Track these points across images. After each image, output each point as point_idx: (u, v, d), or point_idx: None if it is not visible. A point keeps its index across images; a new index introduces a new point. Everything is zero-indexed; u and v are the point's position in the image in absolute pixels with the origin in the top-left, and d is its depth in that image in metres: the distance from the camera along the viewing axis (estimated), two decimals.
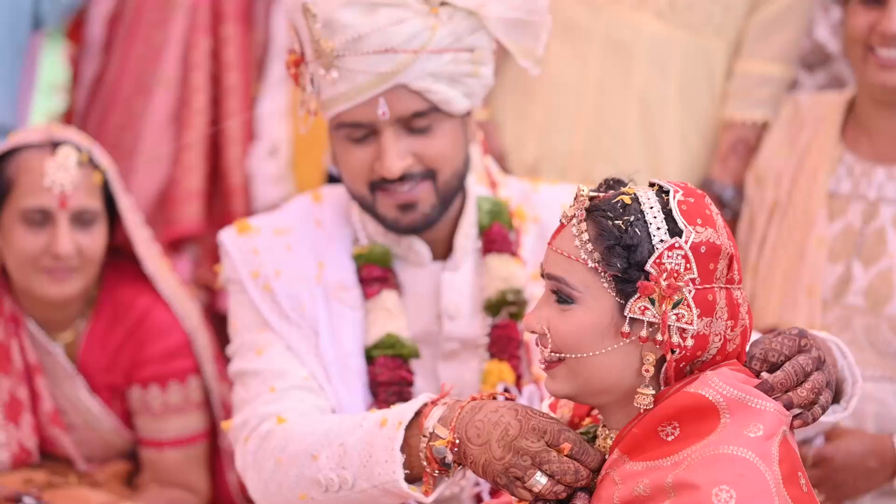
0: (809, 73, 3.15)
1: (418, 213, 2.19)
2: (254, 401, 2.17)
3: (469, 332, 2.26)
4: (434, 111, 2.15)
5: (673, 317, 1.68)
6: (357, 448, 1.98)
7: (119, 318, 2.72)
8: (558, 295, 1.73)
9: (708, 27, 2.92)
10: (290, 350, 2.21)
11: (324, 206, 2.33)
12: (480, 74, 2.17)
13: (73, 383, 2.69)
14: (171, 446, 2.72)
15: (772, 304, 2.65)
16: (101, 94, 3.50)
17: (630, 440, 1.70)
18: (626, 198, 1.72)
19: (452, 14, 2.14)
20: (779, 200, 2.75)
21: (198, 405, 2.74)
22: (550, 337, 1.74)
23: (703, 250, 1.69)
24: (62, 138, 2.66)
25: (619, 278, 1.69)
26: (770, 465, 1.62)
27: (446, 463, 1.87)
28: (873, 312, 2.57)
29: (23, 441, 2.67)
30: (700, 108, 2.96)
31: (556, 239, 1.76)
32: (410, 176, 2.17)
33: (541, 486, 1.77)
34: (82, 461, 2.73)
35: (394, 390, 2.22)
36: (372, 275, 2.26)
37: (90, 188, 2.64)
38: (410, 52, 2.11)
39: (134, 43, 3.45)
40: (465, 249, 2.28)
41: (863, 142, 2.69)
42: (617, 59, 2.92)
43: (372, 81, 2.12)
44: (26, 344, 2.69)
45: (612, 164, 2.89)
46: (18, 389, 2.67)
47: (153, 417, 2.71)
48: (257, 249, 2.27)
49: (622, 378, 1.72)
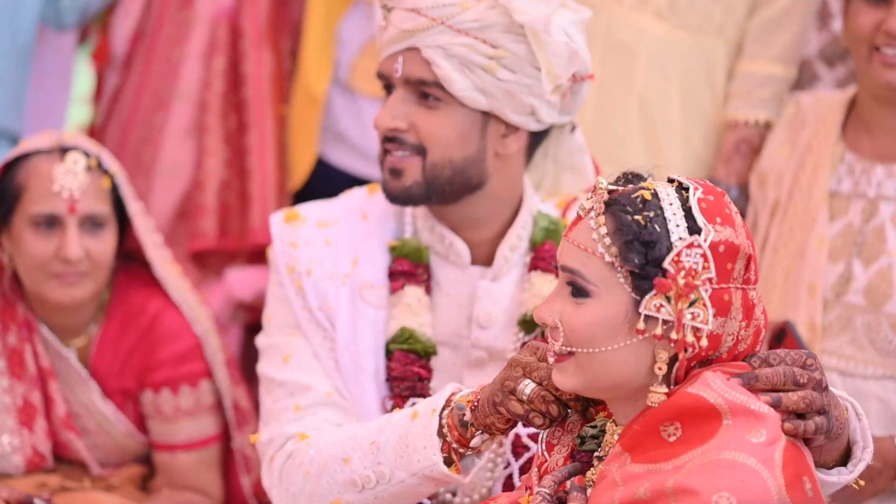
0: (829, 68, 3.14)
1: (401, 183, 2.18)
2: (279, 417, 2.19)
3: (498, 344, 2.25)
4: (441, 89, 2.14)
5: (688, 315, 1.67)
6: (390, 442, 2.02)
7: (130, 323, 2.73)
8: (573, 287, 1.72)
9: (708, 27, 2.93)
10: (316, 357, 2.23)
11: (375, 199, 2.32)
12: (498, 76, 2.14)
13: (86, 388, 2.71)
14: (184, 450, 2.73)
15: (773, 303, 2.66)
16: (121, 109, 3.52)
17: (631, 437, 1.70)
18: (647, 193, 1.71)
19: (493, 6, 2.13)
20: (780, 200, 2.75)
21: (209, 408, 2.75)
22: (563, 330, 1.73)
23: (721, 249, 1.68)
24: (71, 144, 2.67)
25: (636, 274, 1.68)
26: (773, 470, 1.60)
27: (464, 422, 1.93)
28: (873, 311, 2.58)
29: (36, 445, 2.68)
30: (702, 108, 2.96)
31: (572, 231, 1.75)
32: (402, 142, 2.17)
33: (530, 390, 1.84)
34: (96, 465, 2.74)
35: (407, 385, 2.22)
36: (400, 269, 2.25)
37: (99, 193, 2.65)
38: (430, 18, 2.13)
39: (153, 59, 3.48)
40: (508, 260, 2.26)
41: (864, 140, 2.70)
42: (618, 60, 2.92)
43: (395, 36, 2.16)
44: (39, 349, 2.70)
45: (614, 165, 2.87)
46: (32, 394, 2.69)
47: (165, 421, 2.72)
48: (296, 243, 2.27)
49: (632, 375, 1.72)
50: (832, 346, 2.61)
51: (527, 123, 2.19)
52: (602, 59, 2.89)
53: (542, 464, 1.92)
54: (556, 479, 1.81)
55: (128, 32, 3.50)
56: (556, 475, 1.82)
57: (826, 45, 3.12)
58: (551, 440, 1.90)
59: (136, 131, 3.49)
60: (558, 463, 1.87)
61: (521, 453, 2.22)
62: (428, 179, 2.17)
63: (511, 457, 2.23)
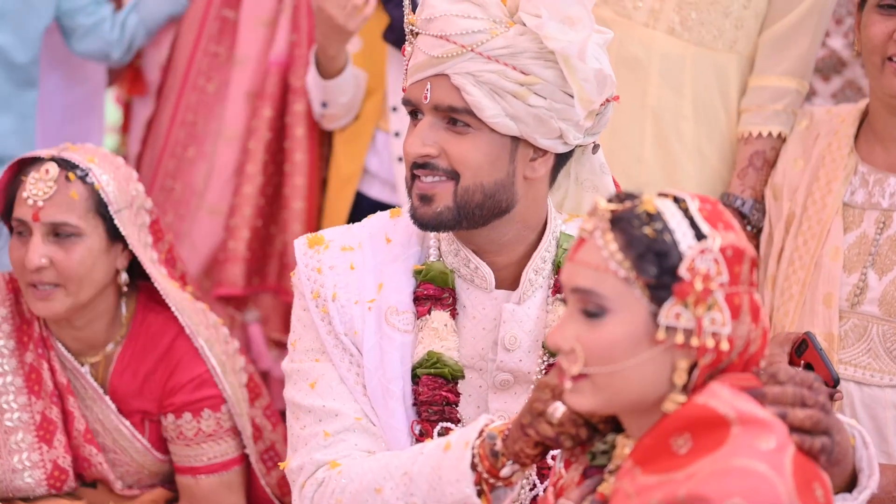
0: (824, 82, 3.16)
1: (432, 209, 2.17)
2: (308, 443, 2.20)
3: (523, 366, 2.24)
4: (471, 115, 2.13)
5: (708, 320, 1.68)
6: (423, 473, 2.02)
7: (150, 344, 2.74)
8: (586, 309, 1.73)
9: (720, 43, 2.93)
10: (343, 382, 2.22)
11: (398, 223, 2.32)
12: (530, 102, 2.12)
13: (101, 405, 2.72)
14: (206, 473, 2.74)
15: (789, 314, 2.66)
16: (155, 139, 3.57)
17: (642, 450, 1.71)
18: (649, 206, 1.72)
19: (522, 32, 2.12)
20: (794, 212, 2.76)
21: (231, 431, 2.75)
22: (581, 353, 1.73)
23: (729, 254, 1.70)
24: (61, 155, 2.67)
25: (652, 286, 1.69)
26: (783, 477, 1.61)
27: (495, 452, 1.94)
28: (889, 320, 2.58)
29: (57, 460, 2.69)
30: (715, 122, 2.96)
31: (578, 253, 1.75)
32: (434, 168, 2.16)
33: (560, 412, 1.85)
34: (118, 482, 2.75)
35: (435, 409, 2.22)
36: (426, 293, 2.25)
37: (68, 203, 2.62)
38: (460, 45, 2.11)
39: (184, 90, 3.51)
40: (533, 283, 2.25)
41: (877, 152, 2.70)
42: (630, 76, 2.92)
43: (423, 63, 2.15)
44: (56, 365, 2.71)
45: (629, 181, 2.89)
46: (50, 410, 2.70)
47: (187, 444, 2.72)
48: (320, 268, 2.26)
49: (652, 388, 1.72)
50: (848, 355, 2.61)
51: (554, 146, 2.18)
52: (615, 75, 2.90)
53: (558, 481, 1.95)
54: (581, 494, 1.83)
55: (160, 63, 3.55)
56: (581, 490, 1.83)
57: (821, 59, 3.14)
58: (570, 458, 1.92)
59: (167, 161, 3.52)
60: (574, 479, 1.88)
61: (546, 475, 2.22)
62: (459, 204, 2.16)
63: (536, 479, 2.23)
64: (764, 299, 2.73)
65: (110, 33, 3.40)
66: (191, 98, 3.51)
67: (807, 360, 2.22)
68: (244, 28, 3.47)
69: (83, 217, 2.64)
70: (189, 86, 3.51)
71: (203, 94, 3.51)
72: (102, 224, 2.66)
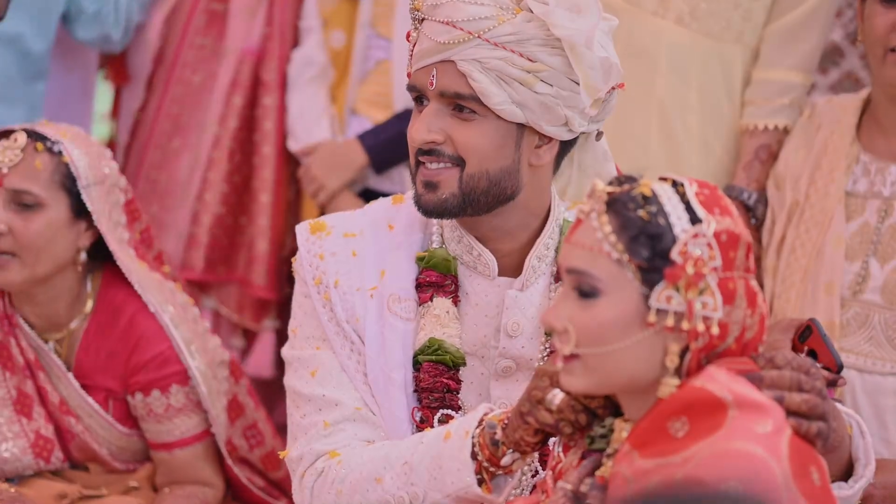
0: (822, 74, 3.16)
1: (437, 195, 2.15)
2: (307, 433, 2.20)
3: (526, 353, 2.23)
4: (477, 102, 2.12)
5: (699, 304, 1.68)
6: (423, 463, 2.02)
7: (111, 322, 2.73)
8: (580, 290, 1.73)
9: (728, 34, 2.92)
10: (344, 370, 2.22)
11: (401, 209, 2.31)
12: (536, 89, 2.11)
13: (66, 381, 2.71)
14: (180, 447, 2.74)
15: (791, 302, 2.67)
16: (143, 129, 3.58)
17: (639, 434, 1.71)
18: (645, 189, 1.73)
19: (529, 19, 2.11)
20: (797, 201, 2.76)
21: (200, 403, 2.74)
22: (574, 333, 1.73)
23: (724, 238, 1.70)
24: (33, 128, 2.68)
25: (644, 268, 1.69)
26: (779, 460, 1.61)
27: (495, 441, 1.94)
28: (890, 308, 2.58)
29: (39, 430, 2.70)
30: (721, 114, 2.96)
31: (574, 234, 1.76)
32: (440, 154, 2.15)
33: (559, 399, 1.85)
34: (104, 450, 2.75)
35: (436, 396, 2.21)
36: (428, 280, 2.24)
37: (32, 172, 2.62)
38: (466, 32, 2.10)
39: (171, 82, 3.53)
40: (535, 270, 2.24)
41: (878, 141, 2.70)
42: (638, 65, 2.90)
43: (429, 49, 2.13)
44: (22, 342, 2.71)
45: (635, 171, 2.88)
46: (25, 384, 2.71)
47: (158, 421, 2.72)
48: (322, 255, 2.25)
49: (645, 370, 1.72)
50: (850, 343, 2.61)
51: (559, 133, 2.17)
52: (622, 64, 2.87)
53: (557, 465, 1.95)
54: (579, 476, 1.82)
55: (150, 53, 3.55)
56: (579, 472, 1.83)
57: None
58: (568, 442, 1.92)
59: (152, 153, 3.54)
60: (573, 463, 1.88)
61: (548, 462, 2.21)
62: (464, 191, 2.15)
63: (539, 465, 2.23)
64: (765, 288, 2.74)
65: (110, 17, 3.40)
66: (177, 90, 3.52)
67: (810, 346, 2.21)
68: (234, 19, 3.49)
69: (46, 188, 2.64)
70: (175, 78, 3.52)
71: (189, 87, 3.52)
72: (67, 198, 2.66)
